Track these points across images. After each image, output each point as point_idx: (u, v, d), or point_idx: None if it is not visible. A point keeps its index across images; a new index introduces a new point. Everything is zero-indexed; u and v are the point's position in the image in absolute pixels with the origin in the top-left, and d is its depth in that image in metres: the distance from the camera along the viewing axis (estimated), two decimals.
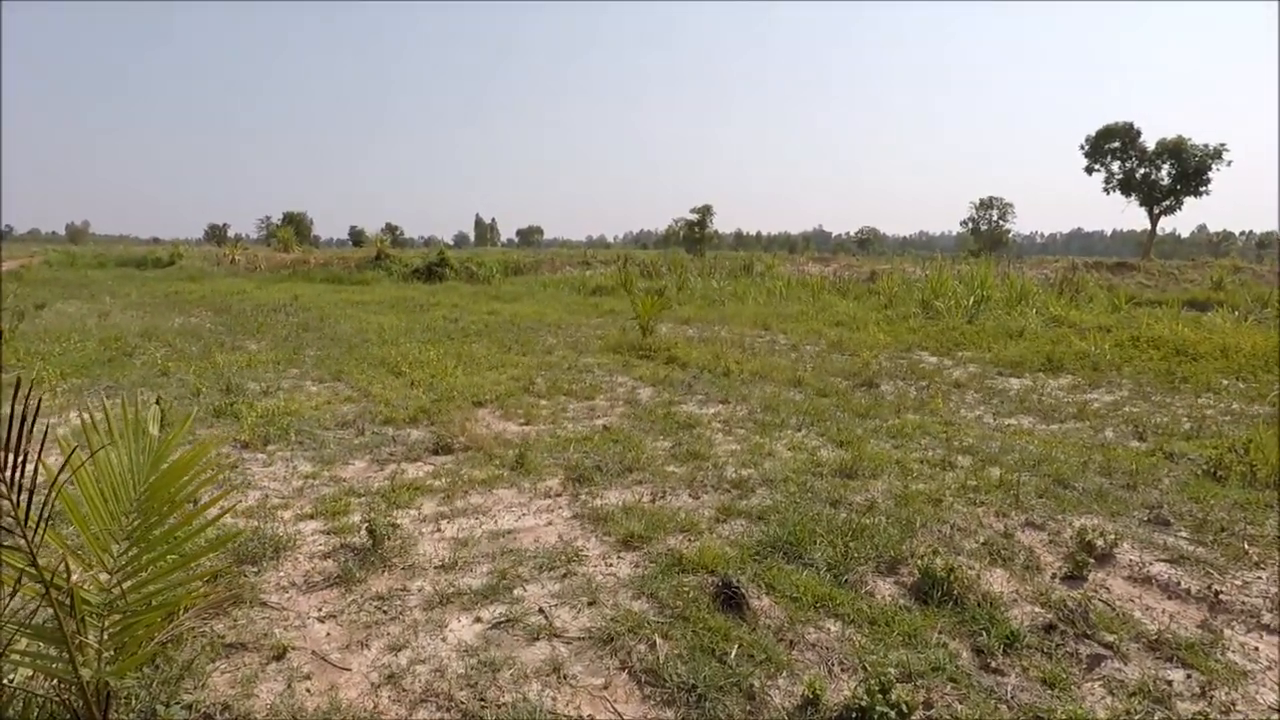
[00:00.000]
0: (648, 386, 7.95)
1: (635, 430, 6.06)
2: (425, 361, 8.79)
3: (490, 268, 23.55)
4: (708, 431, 6.07)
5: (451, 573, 3.36)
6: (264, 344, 10.74)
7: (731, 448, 5.63)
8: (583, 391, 7.56)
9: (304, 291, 19.52)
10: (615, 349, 10.20)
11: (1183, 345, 10.53)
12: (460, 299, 17.67)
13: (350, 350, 9.91)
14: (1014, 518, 4.27)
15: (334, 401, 7.04)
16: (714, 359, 9.34)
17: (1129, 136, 44.88)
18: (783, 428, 6.24)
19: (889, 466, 5.15)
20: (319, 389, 7.70)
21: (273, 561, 3.41)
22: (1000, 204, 62.55)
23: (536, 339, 11.23)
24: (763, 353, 10.32)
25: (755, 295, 18.13)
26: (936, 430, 6.24)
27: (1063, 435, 6.29)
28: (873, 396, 7.64)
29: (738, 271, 24.13)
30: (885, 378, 8.71)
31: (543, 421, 6.36)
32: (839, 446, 5.71)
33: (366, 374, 8.26)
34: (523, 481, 4.68)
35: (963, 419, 6.79)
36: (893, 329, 12.76)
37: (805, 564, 3.45)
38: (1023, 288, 15.88)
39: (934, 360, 10.22)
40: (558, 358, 9.61)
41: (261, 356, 9.45)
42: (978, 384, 8.51)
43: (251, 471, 4.81)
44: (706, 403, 7.17)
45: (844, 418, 6.62)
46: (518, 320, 13.54)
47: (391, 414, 6.35)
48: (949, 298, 14.86)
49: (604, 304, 16.46)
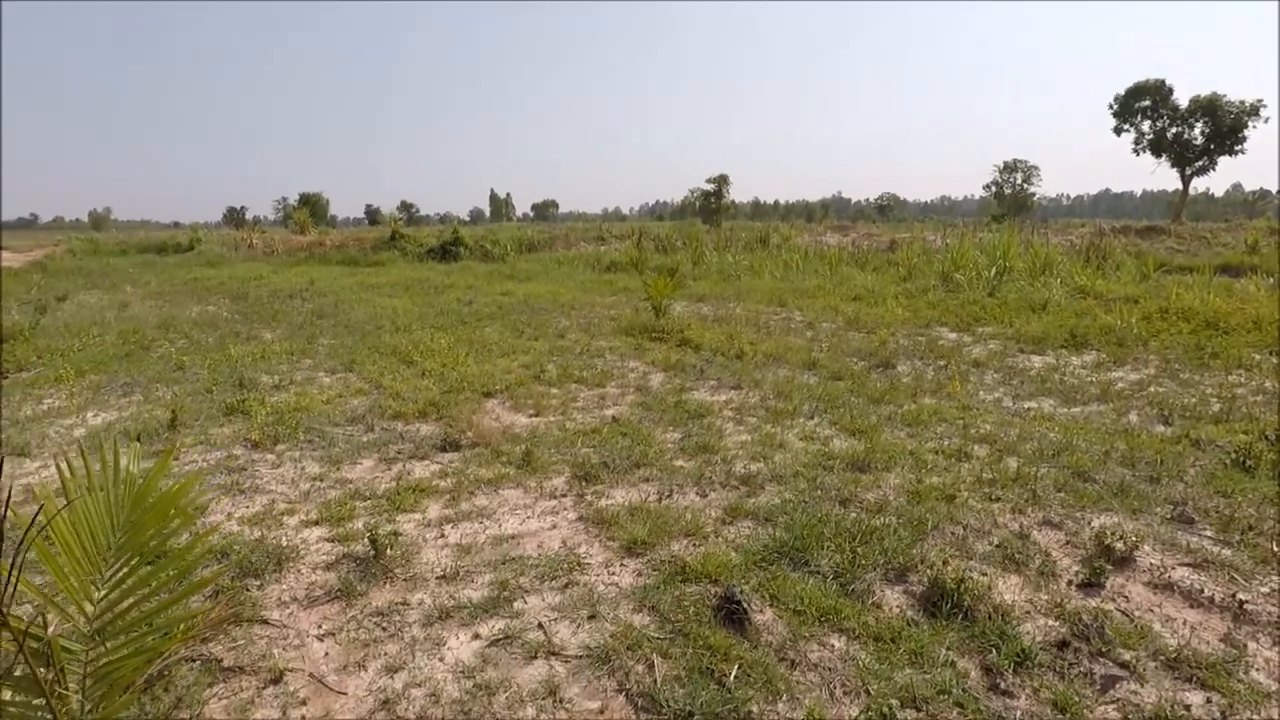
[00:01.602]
0: (659, 372, 7.87)
1: (645, 421, 5.99)
2: (436, 350, 8.76)
3: (504, 246, 23.44)
4: (718, 421, 5.98)
5: (453, 584, 3.33)
6: (279, 333, 10.79)
7: (742, 439, 5.54)
8: (593, 379, 7.49)
9: (320, 275, 19.59)
10: (628, 331, 10.11)
11: (1214, 317, 10.20)
12: (475, 279, 17.62)
13: (363, 338, 9.92)
14: (1031, 515, 4.15)
15: (345, 395, 7.04)
16: (727, 340, 9.21)
17: (1160, 94, 42.86)
18: (795, 415, 6.14)
19: (903, 458, 5.03)
20: (331, 381, 7.71)
21: (275, 574, 3.40)
22: (1025, 167, 60.36)
23: (549, 321, 11.17)
24: (778, 332, 10.17)
25: (771, 269, 17.86)
26: (953, 416, 6.10)
27: (1084, 420, 6.13)
28: (889, 379, 7.49)
29: (754, 244, 23.80)
30: (902, 357, 8.54)
31: (552, 412, 6.31)
32: (852, 436, 5.61)
33: (378, 364, 8.25)
34: (529, 481, 4.64)
35: (981, 403, 6.64)
36: (911, 303, 12.53)
37: (811, 571, 3.37)
38: (1047, 257, 15.47)
39: (953, 337, 10.02)
40: (570, 341, 9.53)
41: (275, 347, 9.48)
42: (998, 362, 8.32)
43: (260, 474, 4.81)
44: (718, 389, 7.08)
45: (858, 403, 6.50)
46: (531, 301, 13.48)
47: (401, 408, 6.33)
48: (970, 269, 14.53)
49: (618, 281, 16.32)
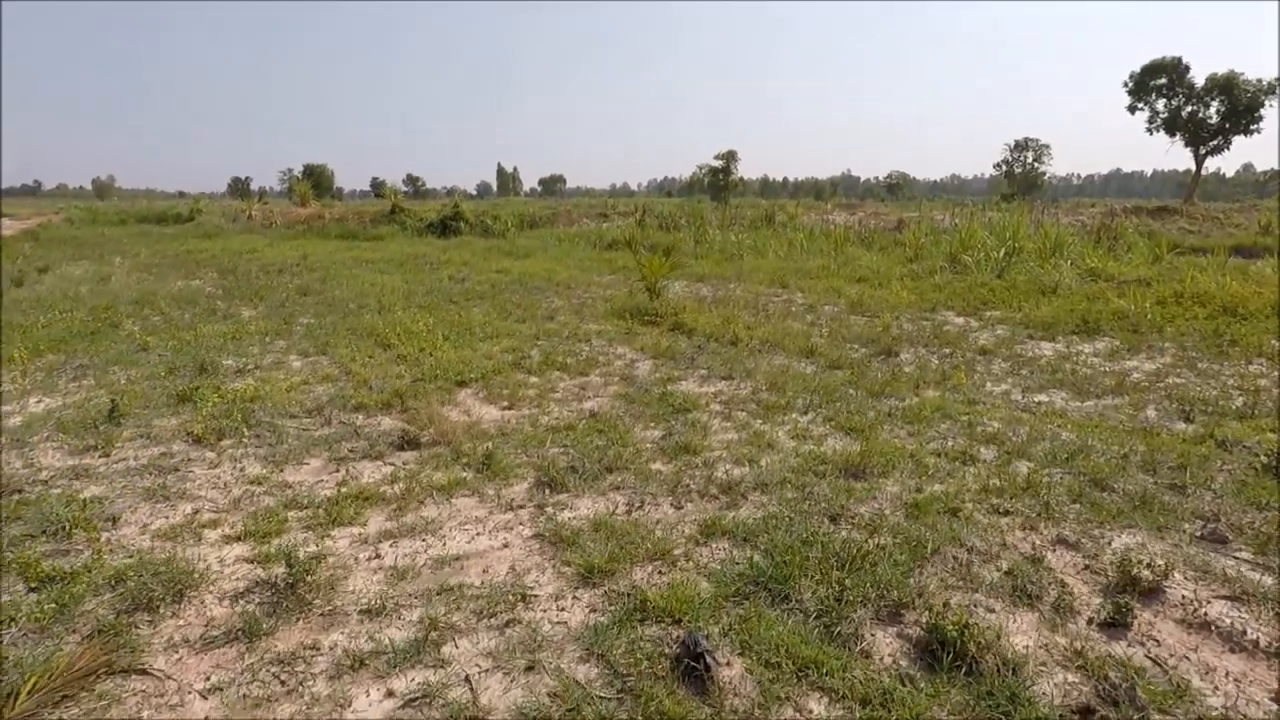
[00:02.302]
0: (648, 359, 7.35)
1: (625, 416, 5.48)
2: (416, 332, 8.25)
3: (505, 221, 22.80)
4: (704, 416, 5.48)
5: (376, 620, 2.86)
6: (259, 311, 10.30)
7: (728, 437, 5.04)
8: (577, 366, 6.98)
9: (315, 249, 19.05)
10: (620, 313, 9.58)
11: (1231, 302, 9.59)
12: (471, 256, 17.07)
13: (345, 318, 9.42)
14: (1044, 533, 3.65)
15: (311, 381, 6.56)
16: (723, 325, 8.68)
17: (1177, 72, 41.41)
18: (788, 410, 5.62)
19: (902, 461, 4.52)
20: (301, 365, 7.23)
21: (174, 606, 2.93)
22: (1036, 145, 58.57)
23: (540, 302, 10.64)
24: (777, 316, 9.62)
25: (775, 248, 17.24)
26: (958, 412, 5.58)
27: (1099, 416, 5.59)
28: (891, 368, 6.96)
29: (759, 222, 23.10)
30: (906, 344, 8.00)
31: (527, 405, 5.82)
32: (847, 435, 5.09)
33: (353, 347, 7.76)
34: (486, 487, 4.15)
35: (988, 396, 6.11)
36: (917, 285, 11.94)
37: (792, 609, 2.88)
38: (1057, 238, 14.80)
39: (960, 321, 9.46)
40: (558, 324, 9.01)
41: (252, 326, 9.00)
42: (1006, 350, 7.77)
43: (193, 475, 4.33)
44: (708, 379, 6.56)
45: (856, 397, 5.98)
46: (526, 279, 12.93)
47: (365, 398, 5.84)
48: (978, 250, 13.90)
49: (617, 260, 15.73)
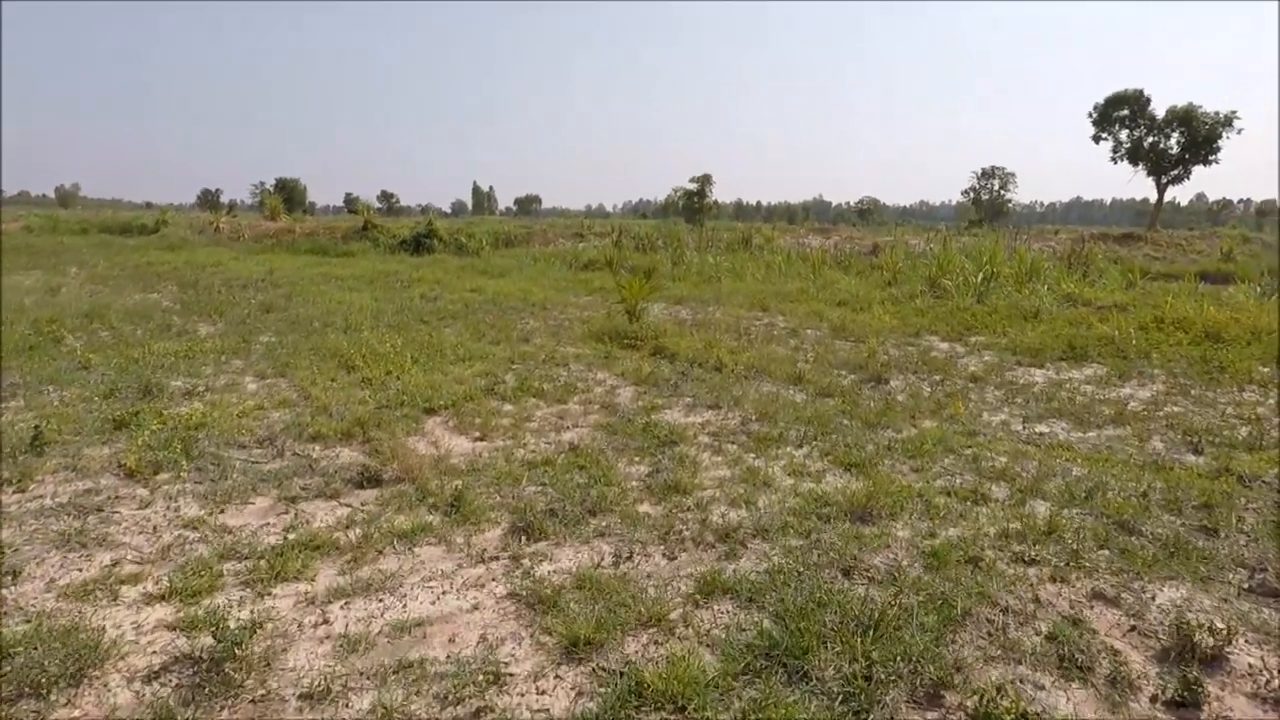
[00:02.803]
0: (629, 385, 6.91)
1: (608, 449, 5.03)
2: (383, 354, 7.72)
3: (480, 240, 22.29)
4: (692, 450, 5.04)
5: (319, 708, 2.36)
6: (217, 328, 9.68)
7: (720, 474, 4.61)
8: (555, 393, 6.52)
9: (283, 264, 18.34)
10: (599, 336, 9.13)
11: (1211, 327, 9.47)
12: (445, 274, 16.51)
13: (308, 337, 8.85)
14: (1077, 585, 3.26)
15: (266, 406, 6.01)
16: (705, 349, 8.28)
17: (1139, 104, 42.63)
18: (781, 443, 5.22)
19: (910, 502, 4.13)
20: (257, 387, 6.67)
21: (70, 692, 2.39)
22: (1002, 173, 59.88)
23: (516, 323, 10.15)
24: (760, 340, 9.26)
25: (753, 271, 16.98)
26: (960, 444, 5.22)
27: (1105, 449, 5.27)
28: (883, 397, 6.61)
29: (736, 244, 22.91)
30: (895, 370, 7.67)
31: (501, 435, 5.33)
32: (847, 470, 4.69)
33: (314, 369, 7.20)
34: (455, 533, 3.66)
35: (987, 427, 5.77)
36: (898, 310, 11.69)
37: (813, 688, 2.44)
38: (1033, 263, 14.74)
39: (945, 347, 9.18)
40: (534, 347, 8.54)
41: (208, 344, 8.38)
42: (997, 377, 7.48)
43: (118, 517, 3.77)
44: (694, 408, 6.14)
45: (851, 428, 5.60)
46: (500, 299, 12.44)
47: (324, 426, 5.31)
48: (956, 275, 13.75)
49: (594, 280, 15.31)
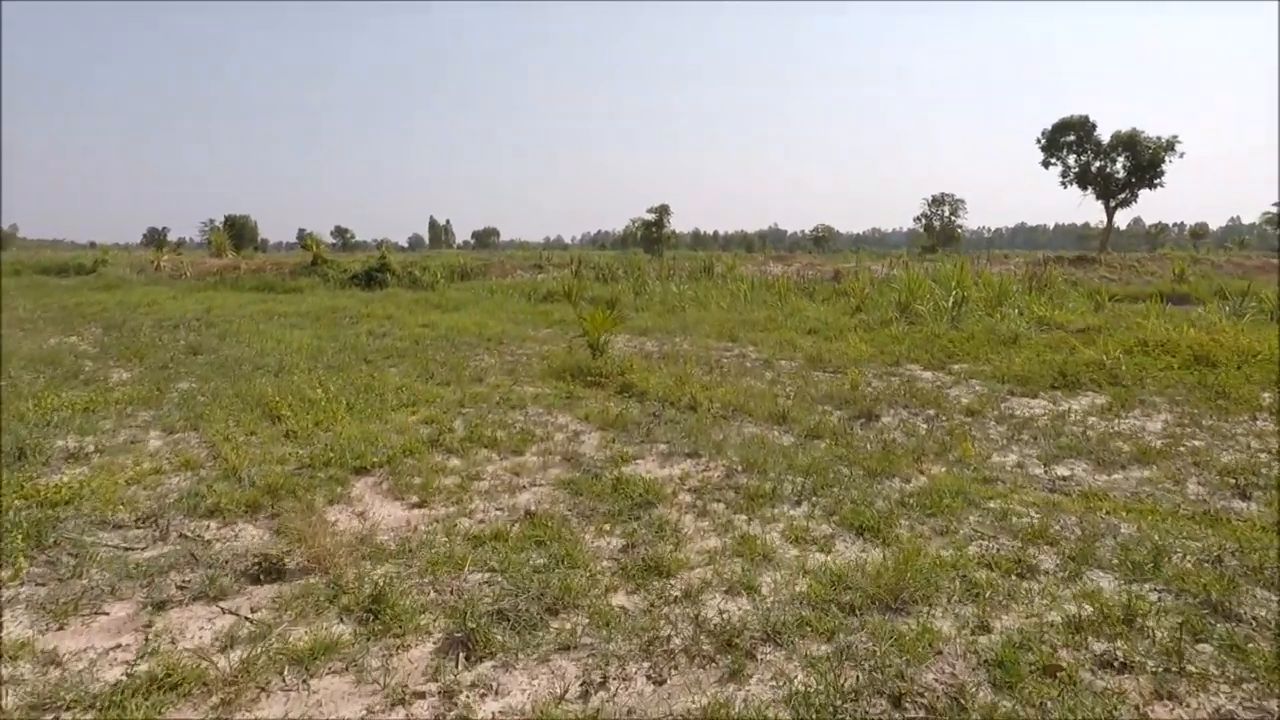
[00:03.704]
0: (595, 430, 6.03)
1: (572, 514, 4.14)
2: (316, 400, 6.73)
3: (435, 273, 21.26)
4: (673, 512, 4.18)
5: None
6: (135, 374, 8.54)
7: (708, 544, 3.75)
8: (510, 442, 5.61)
9: (224, 302, 17.08)
10: (559, 373, 8.24)
11: (1200, 351, 9.00)
12: (396, 309, 15.47)
13: (234, 382, 7.78)
14: (1193, 704, 2.46)
15: (164, 469, 4.98)
16: (677, 385, 7.45)
17: (1085, 129, 43.39)
18: (775, 500, 4.38)
19: (945, 579, 3.32)
20: (161, 445, 5.62)
21: None
22: (952, 200, 61.02)
23: (469, 360, 9.21)
24: (733, 373, 8.48)
25: (718, 299, 16.31)
26: (980, 495, 4.45)
27: (1142, 496, 4.57)
28: (878, 436, 5.85)
29: (698, 273, 22.29)
30: (883, 404, 6.93)
31: (444, 500, 4.40)
32: (859, 535, 3.88)
33: (233, 420, 6.18)
34: (370, 652, 2.71)
35: (1001, 471, 5.03)
36: (872, 337, 11.05)
37: None
38: (1001, 287, 14.36)
39: (929, 376, 8.51)
40: (488, 387, 7.62)
41: (117, 393, 7.27)
42: (993, 409, 6.80)
43: None
44: (670, 457, 5.28)
45: (852, 477, 4.80)
46: (454, 334, 11.47)
47: (226, 495, 4.31)
48: (927, 300, 13.24)
49: (554, 312, 14.45)
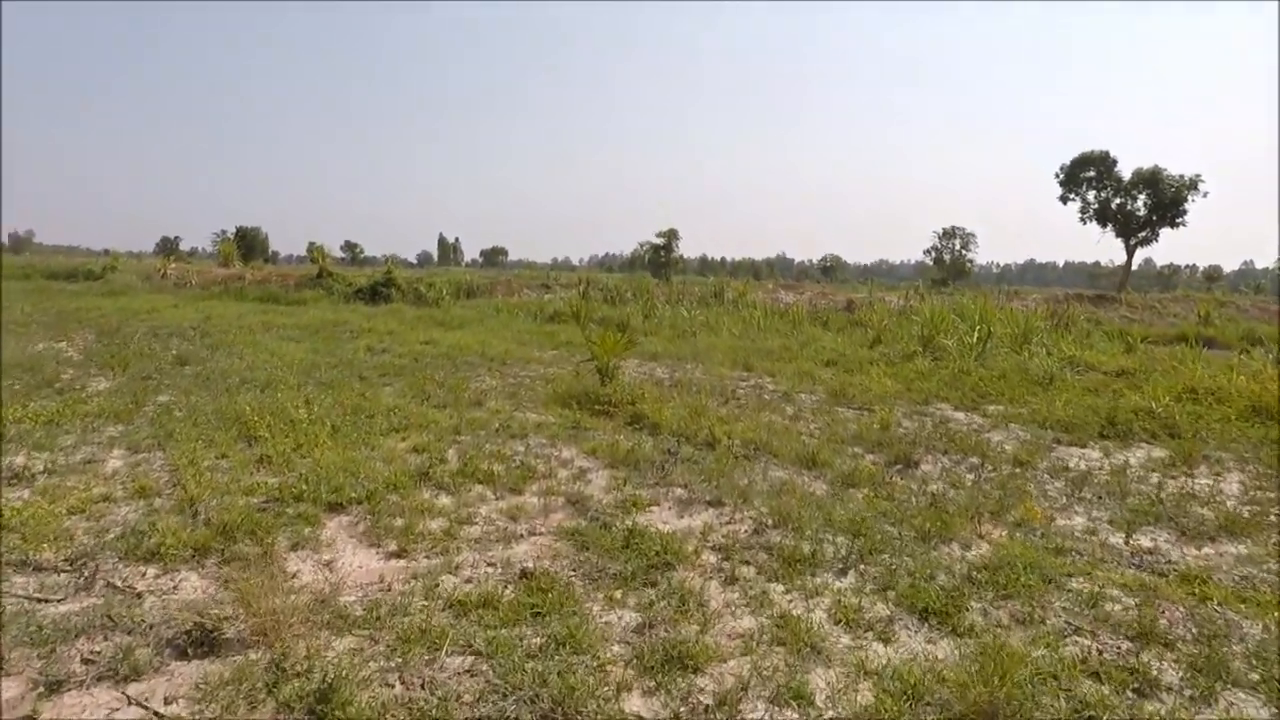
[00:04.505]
0: (603, 467, 5.36)
1: (576, 575, 3.45)
2: (299, 421, 6.08)
3: (440, 289, 20.70)
4: (694, 577, 3.49)
5: None
6: (115, 383, 7.93)
7: (741, 625, 3.05)
8: (507, 477, 4.94)
9: (224, 311, 16.52)
10: (565, 400, 7.58)
11: (1255, 400, 8.29)
12: (399, 324, 14.88)
13: (217, 397, 7.15)
14: None
15: (114, 497, 4.32)
16: (692, 418, 6.78)
17: (1105, 165, 42.49)
18: (815, 566, 3.69)
19: (1046, 691, 2.62)
20: (120, 466, 4.97)
21: None
22: (963, 234, 60.27)
23: (469, 381, 8.56)
24: (751, 406, 7.80)
25: (729, 326, 15.68)
26: (1057, 570, 3.74)
27: (1248, 578, 3.86)
28: (921, 488, 5.16)
29: (708, 298, 21.70)
30: (920, 449, 6.24)
31: (427, 548, 3.72)
32: (923, 620, 3.18)
33: (204, 440, 5.53)
34: None
35: (1072, 537, 4.32)
36: (895, 371, 10.37)
37: None
38: (1027, 323, 13.68)
39: (962, 418, 7.82)
40: (488, 412, 6.96)
41: (89, 405, 6.65)
42: (1043, 460, 6.10)
43: None
44: (689, 504, 4.59)
45: (901, 540, 4.10)
46: (456, 353, 10.84)
47: (173, 535, 3.64)
48: (951, 334, 12.58)
49: (560, 333, 13.84)
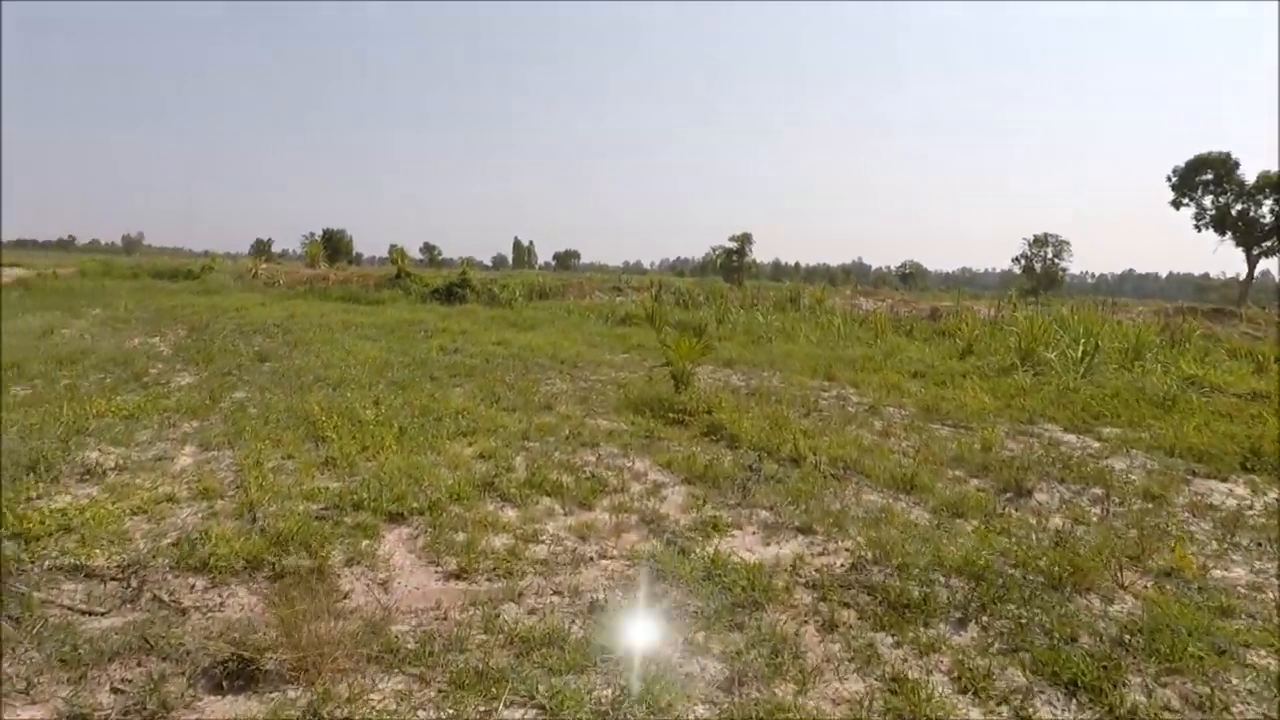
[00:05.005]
0: (679, 483, 4.94)
1: (653, 606, 3.05)
2: (367, 421, 5.92)
3: (513, 290, 20.75)
4: (787, 620, 3.03)
5: None
6: (199, 377, 8.06)
7: (847, 688, 2.57)
8: (577, 491, 4.59)
9: (307, 310, 16.96)
10: (637, 406, 7.21)
11: None
12: (472, 325, 14.89)
13: (291, 394, 7.13)
14: None
15: (177, 498, 4.19)
16: (772, 430, 6.29)
17: (1225, 168, 38.71)
18: (928, 615, 3.16)
19: None
20: (190, 464, 4.89)
21: None
22: (1055, 241, 56.08)
23: (540, 384, 8.31)
24: (835, 419, 7.23)
25: (806, 332, 15.02)
26: (1227, 636, 3.10)
27: None
28: (1039, 520, 4.52)
29: (784, 304, 21.00)
30: (1031, 474, 5.55)
31: (489, 570, 3.39)
32: (1069, 695, 2.62)
33: (272, 439, 5.42)
34: None
35: (1235, 593, 3.63)
36: (992, 386, 9.54)
37: None
38: (1138, 337, 12.49)
39: (1074, 441, 7.01)
40: (557, 417, 6.66)
41: (170, 400, 6.72)
42: (1178, 493, 5.31)
43: None
44: (775, 531, 4.12)
45: (1029, 588, 3.51)
46: (527, 354, 10.65)
47: (227, 544, 3.44)
48: (1053, 347, 11.58)
49: (632, 336, 13.52)
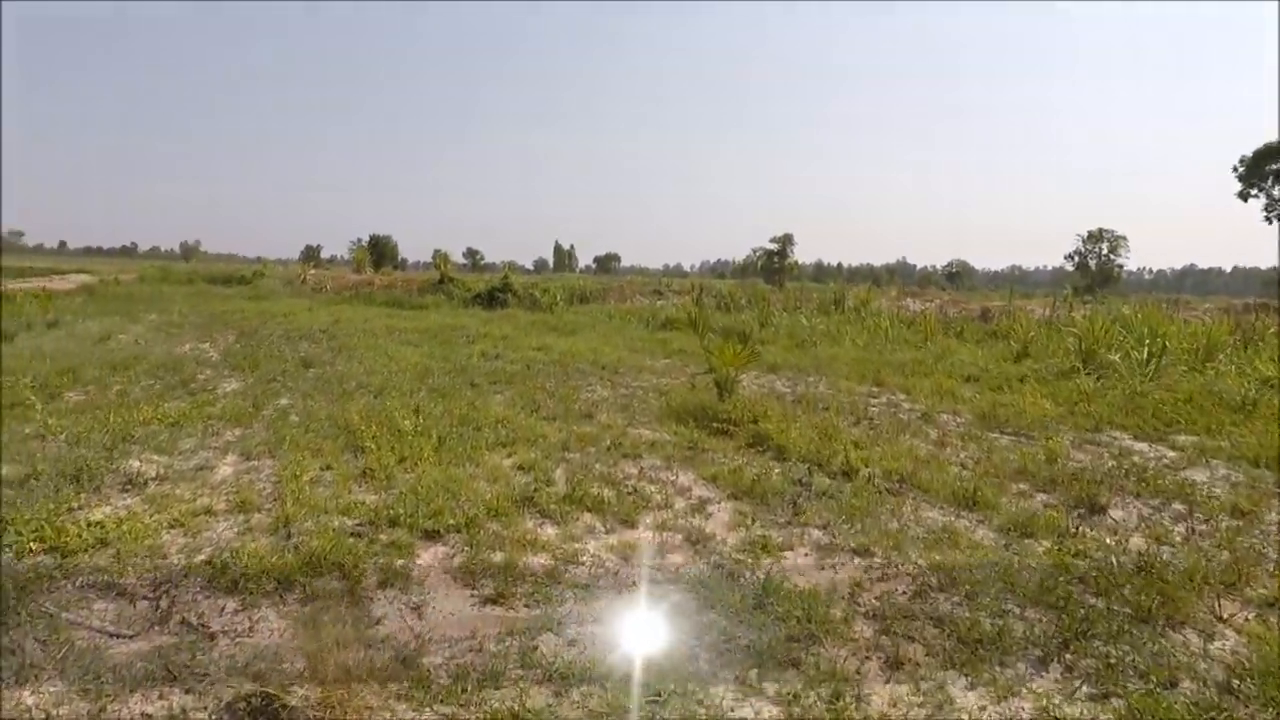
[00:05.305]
0: (726, 499, 4.71)
1: (700, 642, 2.84)
2: (405, 432, 5.83)
3: (554, 294, 20.72)
4: (847, 656, 2.78)
5: None
6: (245, 384, 8.14)
7: None
8: (619, 506, 4.40)
9: (352, 315, 17.21)
10: (680, 414, 6.99)
11: None
12: (513, 329, 14.88)
13: (333, 402, 7.12)
14: None
15: (215, 511, 4.14)
16: (823, 441, 6.01)
17: None
18: (1004, 653, 2.88)
19: None
20: (230, 474, 4.85)
21: None
22: (1111, 236, 53.56)
23: (580, 391, 8.16)
24: (887, 428, 6.89)
25: (852, 335, 14.58)
26: None
27: None
28: (1119, 541, 4.16)
29: (827, 306, 20.52)
30: (1104, 489, 5.15)
31: (527, 595, 3.21)
32: None
33: (312, 449, 5.37)
34: None
35: None
36: (1052, 391, 9.05)
37: None
38: (1209, 337, 11.77)
39: (1146, 450, 6.55)
40: (598, 426, 6.49)
41: (214, 407, 6.77)
42: (1269, 509, 4.87)
43: None
44: (829, 552, 3.86)
45: (1114, 619, 3.19)
46: (568, 360, 10.53)
47: (260, 561, 3.34)
48: (1118, 348, 10.98)
49: (673, 342, 13.29)
